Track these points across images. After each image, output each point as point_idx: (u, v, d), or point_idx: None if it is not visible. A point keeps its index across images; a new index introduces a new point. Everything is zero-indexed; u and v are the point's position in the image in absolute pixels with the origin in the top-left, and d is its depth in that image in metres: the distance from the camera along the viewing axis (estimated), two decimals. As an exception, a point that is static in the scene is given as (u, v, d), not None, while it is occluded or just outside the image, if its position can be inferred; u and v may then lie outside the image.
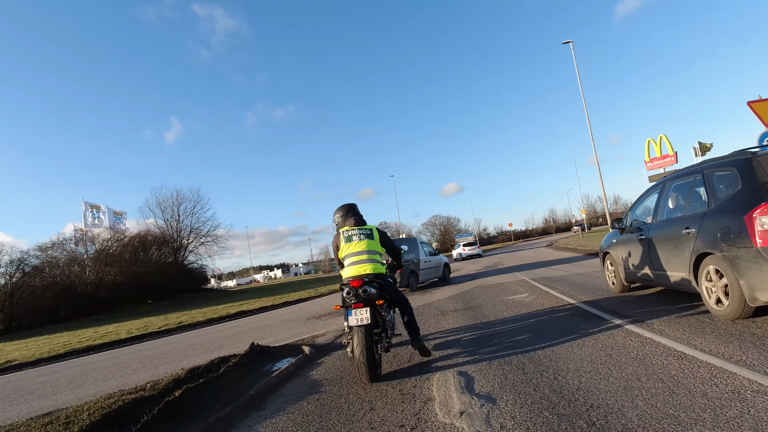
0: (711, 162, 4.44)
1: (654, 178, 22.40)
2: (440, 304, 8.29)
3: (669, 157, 25.85)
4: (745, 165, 3.80)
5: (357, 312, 3.67)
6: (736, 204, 3.77)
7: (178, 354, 7.86)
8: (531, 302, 6.77)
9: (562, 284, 8.34)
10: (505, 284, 9.96)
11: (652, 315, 4.60)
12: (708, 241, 4.01)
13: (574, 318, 5.10)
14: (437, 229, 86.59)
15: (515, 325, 5.28)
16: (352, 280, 3.85)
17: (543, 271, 11.91)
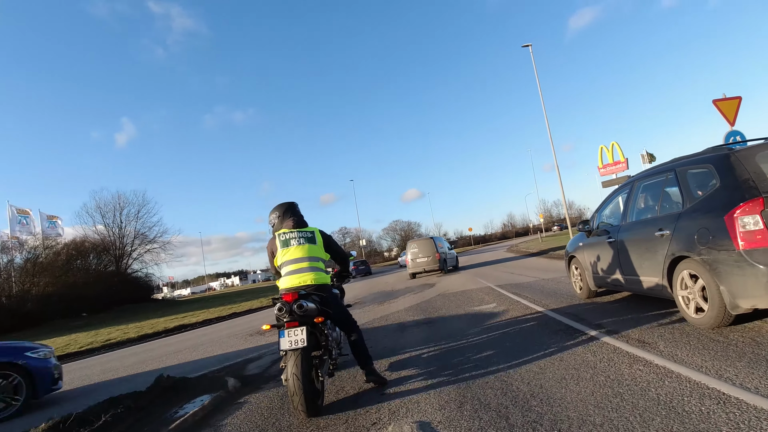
0: (684, 159, 4.24)
1: (607, 183, 23.17)
2: (399, 317, 7.63)
3: (620, 164, 27.03)
4: (723, 161, 3.59)
5: (290, 332, 3.08)
6: (714, 203, 3.55)
7: (78, 385, 6.49)
8: (499, 313, 6.27)
9: (530, 291, 7.95)
10: (470, 292, 9.41)
11: (627, 324, 4.30)
12: (684, 244, 3.77)
13: (545, 330, 4.70)
14: (397, 234, 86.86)
15: (483, 339, 4.79)
16: (285, 293, 3.24)
17: (509, 277, 11.53)
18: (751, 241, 3.18)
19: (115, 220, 36.28)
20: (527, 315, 5.75)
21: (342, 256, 4.04)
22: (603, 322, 4.58)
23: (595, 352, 3.61)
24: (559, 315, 5.30)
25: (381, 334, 6.17)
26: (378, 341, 5.62)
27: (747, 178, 3.35)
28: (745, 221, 3.22)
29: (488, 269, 15.51)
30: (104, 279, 28.75)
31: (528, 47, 22.95)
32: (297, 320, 3.13)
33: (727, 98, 8.43)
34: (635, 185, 4.95)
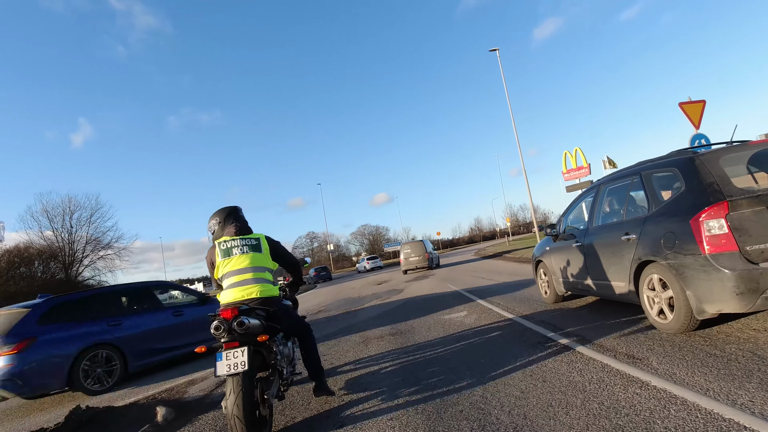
0: (649, 163, 4.26)
1: (571, 188, 23.87)
2: (364, 326, 7.19)
3: (583, 169, 28.07)
4: (688, 165, 3.60)
5: (229, 354, 2.70)
6: (680, 207, 3.54)
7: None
8: (470, 321, 5.95)
9: (501, 297, 7.71)
10: (439, 298, 9.13)
11: (598, 332, 4.18)
12: (650, 248, 3.76)
13: (521, 341, 4.39)
14: (366, 238, 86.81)
15: (454, 351, 4.45)
16: (224, 309, 2.83)
17: (478, 281, 11.31)
18: (716, 245, 3.18)
19: (65, 225, 34.30)
20: (499, 323, 5.52)
21: (292, 264, 3.67)
22: (578, 330, 4.41)
23: (582, 370, 3.21)
24: (532, 323, 5.10)
25: (343, 347, 5.76)
26: (340, 355, 5.29)
27: (711, 182, 3.35)
28: (710, 225, 3.21)
29: (457, 273, 15.45)
30: (51, 288, 26.90)
31: (495, 51, 23.36)
32: (237, 340, 2.77)
33: (692, 101, 8.56)
34: (601, 189, 4.96)
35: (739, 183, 3.31)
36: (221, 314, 2.81)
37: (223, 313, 2.81)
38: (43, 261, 30.08)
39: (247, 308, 2.94)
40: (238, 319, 2.76)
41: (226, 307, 2.87)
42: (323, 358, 4.92)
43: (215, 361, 2.71)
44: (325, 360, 4.93)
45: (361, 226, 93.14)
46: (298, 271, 3.79)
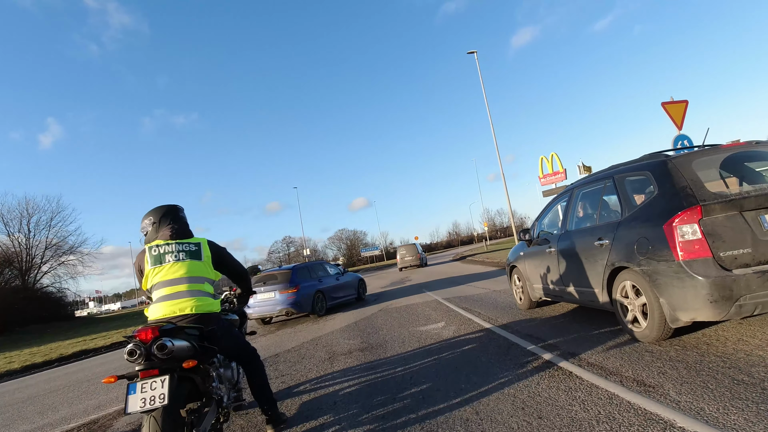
0: (621, 166, 4.20)
1: (547, 192, 24.26)
2: (330, 341, 6.54)
3: (559, 174, 28.60)
4: (660, 168, 3.54)
5: (144, 385, 2.20)
6: (653, 212, 3.47)
7: None
8: (448, 334, 5.50)
9: (480, 305, 7.31)
10: (415, 307, 8.65)
11: (583, 344, 3.92)
12: (623, 254, 3.68)
13: (504, 358, 3.97)
14: (343, 243, 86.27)
15: (431, 371, 3.96)
16: (143, 329, 2.33)
17: (456, 288, 10.89)
18: (689, 251, 3.10)
19: (22, 229, 32.72)
20: (479, 335, 5.12)
21: (239, 274, 3.23)
22: (562, 341, 4.14)
23: (584, 402, 2.69)
24: (513, 335, 4.74)
25: (306, 365, 5.15)
26: (301, 374, 4.76)
27: (684, 186, 3.29)
28: (683, 230, 3.14)
29: (435, 279, 15.33)
30: (5, 296, 25.59)
31: (473, 54, 23.55)
32: (157, 367, 2.27)
33: (675, 101, 8.49)
34: (574, 193, 4.90)
35: (712, 187, 3.26)
36: (138, 335, 2.31)
37: (141, 333, 2.30)
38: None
39: (173, 327, 2.47)
40: (158, 341, 2.26)
41: (146, 326, 2.36)
42: (281, 378, 4.66)
43: (126, 394, 2.17)
44: (284, 379, 4.64)
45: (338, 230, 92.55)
46: (246, 281, 3.37)
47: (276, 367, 5.29)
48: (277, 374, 4.87)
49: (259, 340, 7.95)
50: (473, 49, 23.63)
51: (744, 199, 3.10)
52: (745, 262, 3.01)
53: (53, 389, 6.95)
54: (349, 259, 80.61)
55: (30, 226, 33.18)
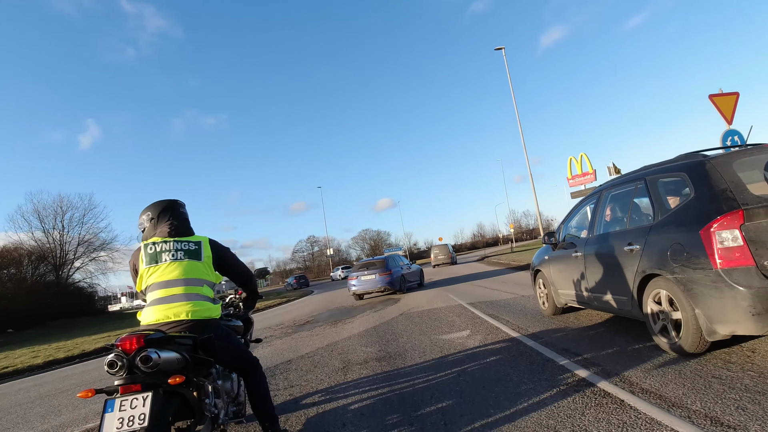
0: (655, 167, 3.98)
1: (576, 194, 23.63)
2: (347, 348, 6.19)
3: (588, 175, 27.85)
4: (698, 169, 3.32)
5: (123, 403, 1.93)
6: (688, 216, 3.26)
7: None
8: (473, 343, 5.09)
9: (509, 312, 6.84)
10: (438, 312, 8.25)
11: (618, 360, 3.55)
12: (655, 260, 3.47)
13: (530, 372, 3.66)
14: (367, 243, 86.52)
15: (455, 391, 3.52)
16: (127, 337, 2.08)
17: (482, 292, 10.42)
18: (729, 259, 2.89)
19: (56, 226, 34.12)
20: (507, 345, 4.72)
21: (244, 277, 2.99)
22: (598, 357, 3.75)
23: (596, 406, 2.59)
24: (546, 348, 4.29)
25: (316, 377, 4.75)
26: (309, 385, 4.45)
27: (724, 188, 3.07)
28: (723, 236, 2.93)
29: (459, 282, 14.99)
30: (39, 290, 26.71)
31: (501, 50, 23.24)
32: (140, 381, 2.01)
33: (724, 93, 7.82)
34: (603, 195, 4.68)
35: (756, 190, 3.02)
36: (120, 345, 2.06)
37: (124, 342, 2.05)
38: (32, 262, 29.83)
39: (162, 336, 2.21)
40: (143, 352, 2.01)
41: (131, 335, 2.10)
42: (290, 389, 4.42)
43: (102, 411, 1.92)
44: (292, 390, 4.36)
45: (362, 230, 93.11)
46: (251, 284, 3.12)
47: (286, 375, 5.05)
48: (287, 384, 4.63)
49: (275, 343, 7.89)
50: (501, 48, 23.30)
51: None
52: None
53: (64, 389, 6.88)
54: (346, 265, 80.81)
55: (64, 222, 34.62)
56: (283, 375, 5.10)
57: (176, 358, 2.17)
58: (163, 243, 2.55)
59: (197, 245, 2.63)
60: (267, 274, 11.52)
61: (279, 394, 4.22)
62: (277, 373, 5.19)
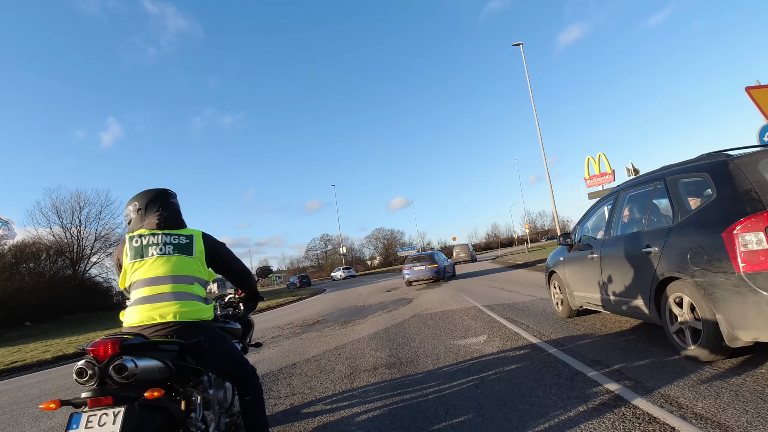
0: (675, 167, 3.87)
1: (593, 195, 23.25)
2: (355, 352, 5.90)
3: (607, 175, 27.34)
4: (720, 169, 3.22)
5: (92, 419, 1.70)
6: (710, 217, 3.17)
7: None
8: (491, 350, 4.74)
9: (528, 316, 6.48)
10: (452, 315, 7.90)
11: (650, 372, 3.25)
12: (674, 263, 3.38)
13: (557, 385, 3.30)
14: (380, 242, 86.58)
15: (465, 391, 3.43)
16: (101, 342, 1.86)
17: (498, 294, 10.09)
18: (753, 262, 2.80)
19: (74, 221, 34.88)
20: (528, 353, 4.37)
21: (241, 275, 2.70)
22: (619, 366, 3.47)
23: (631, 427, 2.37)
24: (572, 358, 3.94)
25: (321, 384, 4.45)
26: (312, 392, 4.17)
27: (748, 189, 2.97)
28: (746, 239, 2.84)
29: (474, 283, 14.74)
30: (56, 284, 27.34)
31: (519, 46, 22.92)
32: (112, 394, 1.76)
33: (763, 86, 7.41)
34: (620, 195, 4.58)
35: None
36: (91, 350, 1.83)
37: (96, 347, 1.83)
38: (50, 257, 30.55)
39: (142, 341, 1.95)
40: (117, 360, 1.78)
41: (106, 338, 1.89)
42: (292, 397, 4.13)
43: (66, 427, 1.71)
44: (295, 398, 4.07)
45: (375, 229, 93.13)
46: (249, 283, 2.81)
47: (289, 381, 4.77)
48: (289, 391, 4.35)
49: (282, 344, 7.71)
50: (519, 44, 23.03)
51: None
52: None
53: (63, 387, 6.56)
54: (386, 259, 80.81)
55: (81, 218, 35.36)
56: (286, 380, 4.83)
57: (157, 367, 1.93)
58: (151, 236, 2.31)
59: (188, 239, 2.38)
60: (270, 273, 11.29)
61: (279, 403, 3.97)
62: (280, 378, 4.96)
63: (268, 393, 4.30)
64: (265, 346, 7.57)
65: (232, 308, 3.19)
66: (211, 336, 2.30)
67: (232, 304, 3.21)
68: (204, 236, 2.46)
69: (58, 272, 30.13)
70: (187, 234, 2.40)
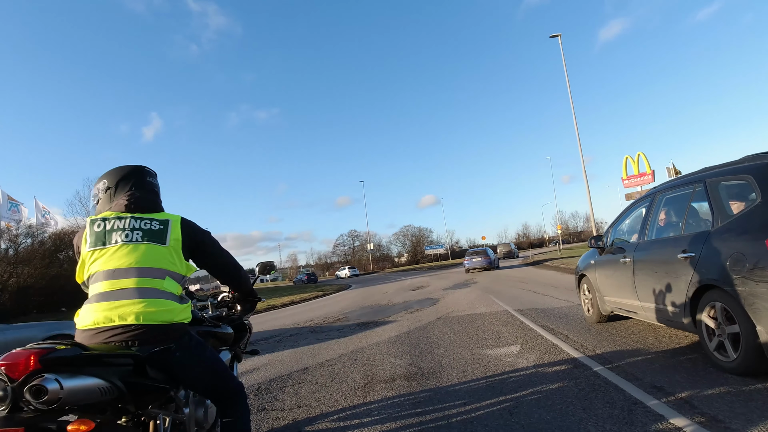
0: (716, 169, 3.72)
1: (630, 195, 22.52)
2: (373, 357, 5.50)
3: (646, 175, 26.33)
4: (766, 172, 3.07)
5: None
6: (753, 223, 3.03)
7: None
8: (525, 364, 4.23)
9: (564, 325, 5.99)
10: (481, 319, 7.46)
11: (724, 403, 2.75)
12: (712, 270, 3.26)
13: (611, 417, 2.74)
14: (408, 239, 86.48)
15: (497, 417, 2.98)
16: (15, 355, 1.43)
17: (531, 297, 9.65)
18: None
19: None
20: (570, 371, 3.84)
21: (227, 270, 2.24)
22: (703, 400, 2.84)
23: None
24: (623, 380, 3.40)
25: (330, 395, 4.06)
26: (320, 405, 3.80)
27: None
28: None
29: (503, 284, 14.35)
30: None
31: (557, 37, 22.57)
32: (25, 425, 1.36)
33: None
34: (657, 198, 4.43)
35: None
36: (3, 364, 1.40)
37: (9, 361, 1.40)
38: (86, 246, 32.09)
39: (78, 353, 1.54)
40: (34, 379, 1.38)
41: (25, 349, 1.47)
42: (297, 410, 3.76)
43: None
44: (299, 411, 3.72)
45: (403, 226, 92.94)
46: (239, 280, 2.33)
47: (297, 390, 4.40)
48: (294, 402, 3.98)
49: (299, 343, 7.52)
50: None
51: None
52: None
53: None
54: (413, 256, 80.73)
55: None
56: (294, 388, 4.48)
57: (98, 387, 1.50)
58: (117, 219, 1.92)
59: (163, 224, 1.97)
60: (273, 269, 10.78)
61: (282, 417, 3.60)
62: (288, 385, 4.62)
63: (272, 403, 3.99)
64: (281, 345, 7.48)
65: (227, 309, 2.75)
66: (185, 343, 1.91)
67: (226, 304, 2.76)
68: (183, 222, 2.05)
69: (94, 261, 31.56)
70: (162, 219, 2.00)
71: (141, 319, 1.77)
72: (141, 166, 2.13)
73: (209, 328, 2.37)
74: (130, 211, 1.95)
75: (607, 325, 5.56)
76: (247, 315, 2.64)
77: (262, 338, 8.50)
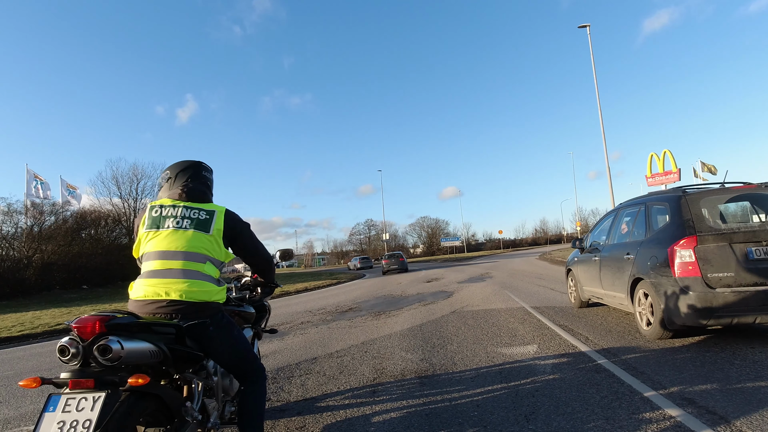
0: (654, 195, 5.39)
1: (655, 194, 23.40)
2: (383, 350, 5.63)
3: (672, 174, 27.02)
4: (676, 201, 4.73)
5: (70, 402, 1.66)
6: (664, 236, 4.70)
7: None
8: (543, 366, 4.24)
9: (584, 324, 6.06)
10: (497, 315, 7.55)
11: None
12: (642, 268, 4.93)
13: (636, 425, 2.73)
14: (424, 231, 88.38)
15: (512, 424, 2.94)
16: (88, 319, 1.82)
17: (548, 294, 9.87)
18: (684, 270, 4.34)
19: (131, 193, 38.78)
20: (594, 377, 3.78)
21: (261, 261, 2.70)
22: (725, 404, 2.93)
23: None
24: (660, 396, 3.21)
25: (338, 389, 4.14)
26: (325, 399, 3.87)
27: (689, 218, 4.48)
28: (682, 254, 4.37)
29: (520, 279, 14.60)
30: (112, 251, 30.87)
31: (585, 28, 22.99)
32: (95, 377, 1.74)
33: None
34: (620, 212, 6.12)
35: (711, 221, 4.42)
36: (76, 327, 1.80)
37: (81, 324, 1.79)
38: (108, 225, 34.30)
39: (133, 321, 1.95)
40: (101, 340, 1.75)
41: (94, 315, 1.85)
42: (303, 401, 3.87)
43: (43, 408, 1.65)
44: (305, 404, 3.80)
45: (420, 217, 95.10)
46: (267, 271, 2.80)
47: (304, 381, 4.50)
48: (300, 393, 4.09)
49: (309, 331, 7.66)
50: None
51: (734, 233, 4.25)
52: (727, 283, 4.18)
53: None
54: (429, 248, 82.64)
55: (138, 189, 39.21)
56: (300, 379, 4.57)
57: (148, 350, 1.89)
58: (171, 207, 2.33)
59: (209, 215, 2.35)
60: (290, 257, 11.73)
61: (288, 408, 3.69)
62: (295, 375, 4.72)
63: (278, 393, 4.13)
64: (292, 333, 7.69)
65: (249, 291, 3.17)
66: (218, 320, 2.29)
67: (249, 287, 3.14)
68: (227, 213, 2.43)
69: (115, 240, 33.78)
70: (209, 209, 2.37)
71: (184, 297, 2.17)
72: (198, 162, 2.57)
73: (235, 308, 2.87)
74: (182, 200, 2.38)
75: (628, 327, 5.62)
76: (267, 297, 3.23)
77: (273, 324, 8.22)
